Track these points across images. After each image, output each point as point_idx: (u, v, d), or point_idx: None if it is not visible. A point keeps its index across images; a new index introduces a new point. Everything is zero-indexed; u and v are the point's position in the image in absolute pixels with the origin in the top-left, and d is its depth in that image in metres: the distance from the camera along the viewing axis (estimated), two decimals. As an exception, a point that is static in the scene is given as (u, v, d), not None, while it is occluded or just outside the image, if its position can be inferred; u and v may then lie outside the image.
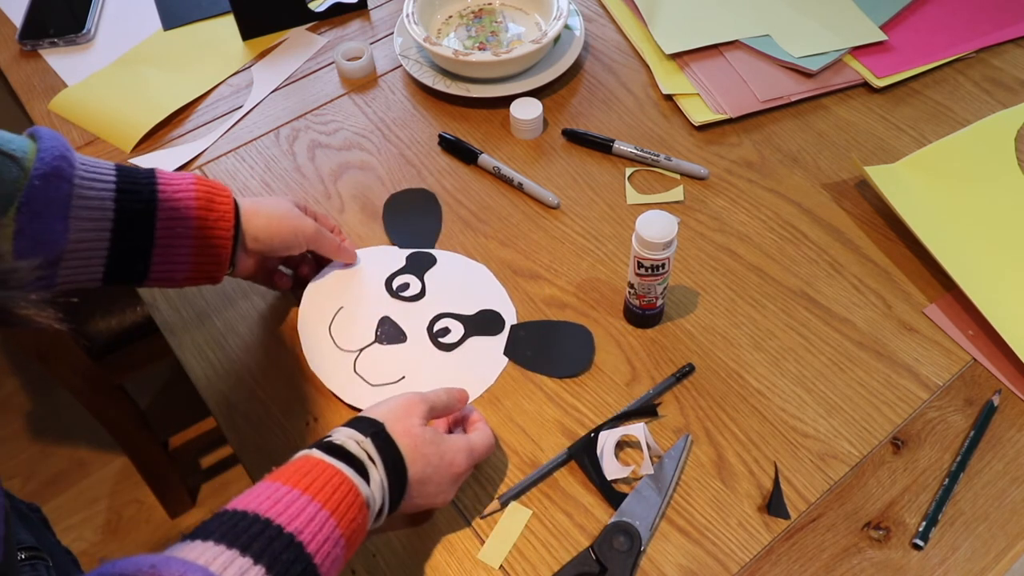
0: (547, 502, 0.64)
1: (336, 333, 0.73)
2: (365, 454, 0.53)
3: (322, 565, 0.47)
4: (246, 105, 0.97)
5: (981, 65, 0.95)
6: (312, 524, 0.47)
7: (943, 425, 0.67)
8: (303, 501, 0.48)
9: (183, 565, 0.42)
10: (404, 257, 0.79)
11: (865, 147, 0.88)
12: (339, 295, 0.75)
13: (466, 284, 0.77)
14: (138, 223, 0.62)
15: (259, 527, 0.46)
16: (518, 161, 0.88)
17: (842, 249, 0.79)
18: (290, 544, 0.46)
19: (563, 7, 0.95)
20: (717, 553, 0.61)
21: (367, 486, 0.52)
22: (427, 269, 0.77)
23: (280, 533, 0.46)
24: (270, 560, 0.45)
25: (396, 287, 0.76)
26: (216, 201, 0.66)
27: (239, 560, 0.44)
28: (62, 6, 1.09)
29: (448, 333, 0.73)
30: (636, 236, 0.67)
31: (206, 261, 0.67)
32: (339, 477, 0.50)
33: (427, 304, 0.75)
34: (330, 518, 0.48)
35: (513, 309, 0.75)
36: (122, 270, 0.63)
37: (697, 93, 0.93)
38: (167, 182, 0.64)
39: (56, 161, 0.58)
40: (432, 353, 0.72)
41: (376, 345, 0.72)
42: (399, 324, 0.73)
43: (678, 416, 0.68)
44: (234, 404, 0.72)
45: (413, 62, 0.97)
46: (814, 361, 0.71)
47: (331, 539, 0.48)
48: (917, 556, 0.61)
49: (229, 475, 1.53)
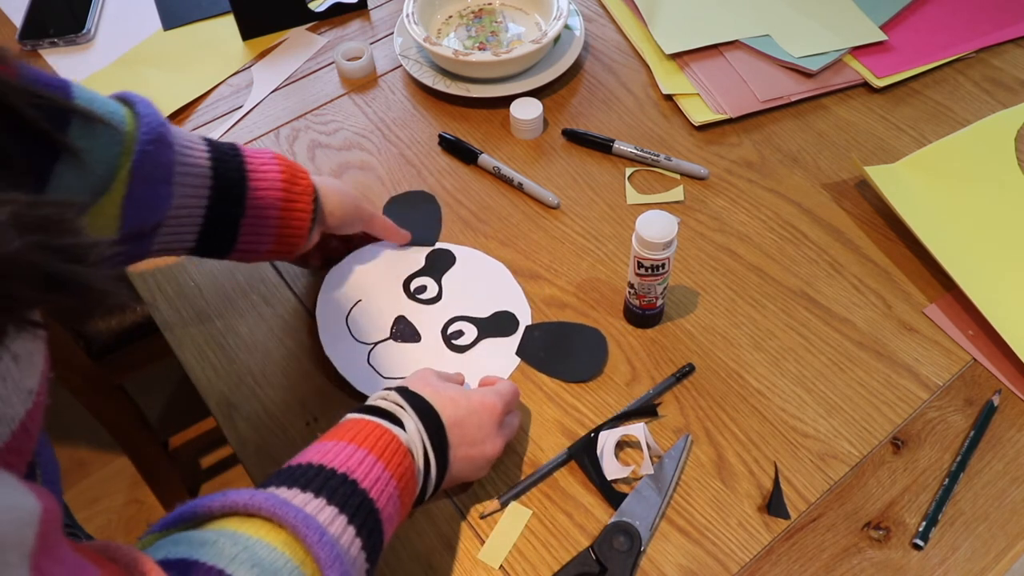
0: (547, 502, 0.64)
1: (353, 324, 0.74)
2: (395, 405, 0.57)
3: (378, 500, 0.50)
4: (246, 105, 0.97)
5: (981, 65, 0.95)
6: (362, 466, 0.50)
7: (943, 425, 0.67)
8: (350, 449, 0.51)
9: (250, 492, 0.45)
10: (424, 257, 0.79)
11: (865, 147, 0.88)
12: (358, 288, 0.76)
13: (483, 286, 0.77)
14: (232, 192, 0.64)
15: (313, 471, 0.49)
16: (518, 161, 0.88)
17: (842, 249, 0.79)
18: (344, 481, 0.49)
19: (563, 7, 0.95)
20: (717, 553, 0.61)
21: (404, 432, 0.55)
22: (445, 271, 0.78)
23: (334, 473, 0.49)
24: (329, 493, 0.48)
25: (414, 289, 0.76)
26: (298, 175, 0.68)
27: (301, 495, 0.47)
28: (62, 6, 1.09)
29: (462, 336, 0.73)
30: (636, 236, 0.67)
31: (289, 234, 0.68)
32: (379, 428, 0.54)
33: (443, 307, 0.75)
34: (378, 461, 0.51)
35: (529, 310, 0.75)
36: (213, 239, 0.65)
37: (697, 93, 0.93)
38: (252, 155, 0.66)
39: (160, 128, 0.60)
40: (445, 354, 0.72)
41: (390, 341, 0.73)
42: (414, 324, 0.74)
43: (678, 416, 0.68)
44: (234, 404, 0.72)
45: (413, 62, 0.97)
46: (814, 361, 0.71)
47: (382, 478, 0.51)
48: (917, 556, 0.61)
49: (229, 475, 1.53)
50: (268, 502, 0.44)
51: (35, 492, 0.33)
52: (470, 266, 0.79)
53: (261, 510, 0.44)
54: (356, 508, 0.48)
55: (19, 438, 0.35)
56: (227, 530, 0.43)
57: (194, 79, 1.00)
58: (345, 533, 0.47)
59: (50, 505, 0.33)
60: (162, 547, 0.42)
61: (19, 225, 0.31)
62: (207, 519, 0.45)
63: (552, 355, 0.72)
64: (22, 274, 0.31)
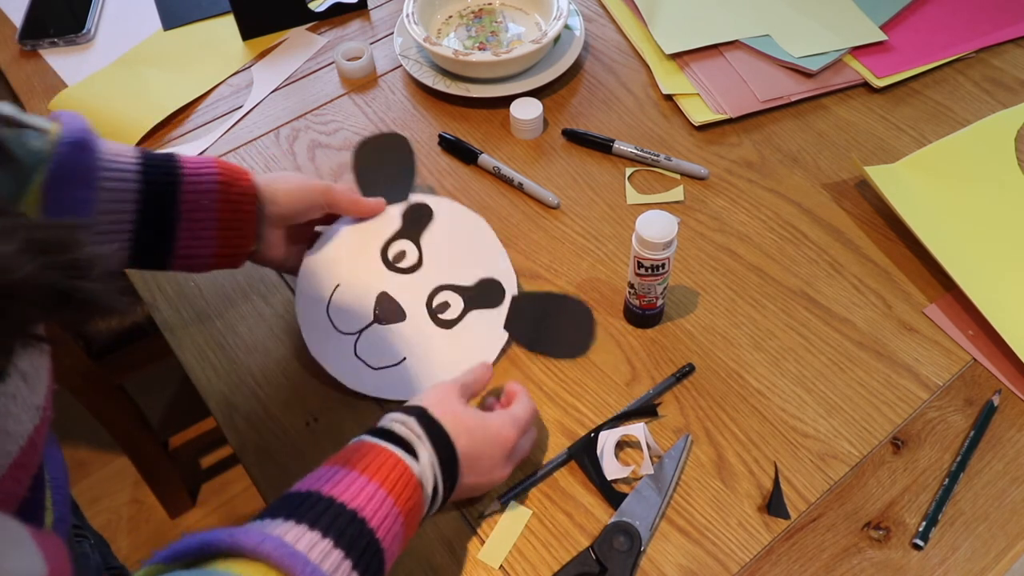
0: (547, 502, 0.64)
1: (334, 314, 0.71)
2: (412, 433, 0.55)
3: (384, 539, 0.49)
4: (246, 105, 0.97)
5: (981, 65, 0.95)
6: (372, 502, 0.50)
7: (943, 425, 0.67)
8: (362, 481, 0.50)
9: (259, 535, 0.44)
10: (399, 216, 0.75)
11: (865, 147, 0.88)
12: (335, 271, 0.73)
13: (465, 246, 0.74)
14: (163, 196, 0.63)
15: (323, 505, 0.48)
16: (518, 161, 0.88)
17: (842, 249, 0.79)
18: (354, 519, 0.48)
19: (563, 7, 0.95)
20: (717, 553, 0.61)
21: (417, 464, 0.54)
22: (423, 229, 0.74)
23: (344, 510, 0.48)
24: (337, 534, 0.47)
25: (392, 257, 0.73)
26: (237, 175, 0.66)
27: (309, 533, 0.46)
28: (62, 6, 1.09)
29: (448, 308, 0.71)
30: (636, 236, 0.67)
31: (232, 235, 0.66)
32: (393, 459, 0.53)
33: (425, 276, 0.72)
34: (388, 496, 0.51)
35: (513, 275, 0.73)
36: (148, 247, 0.64)
37: (697, 93, 0.93)
38: (188, 160, 0.65)
39: (82, 132, 0.59)
40: (432, 331, 0.71)
41: (376, 325, 0.71)
42: (397, 300, 0.71)
43: (678, 416, 0.68)
44: (234, 404, 0.72)
45: (413, 62, 0.97)
46: (814, 361, 0.71)
47: (391, 515, 0.50)
48: (917, 556, 0.61)
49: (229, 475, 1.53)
50: (277, 551, 0.44)
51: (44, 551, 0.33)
52: (449, 222, 0.75)
53: (269, 558, 0.44)
54: (362, 551, 0.48)
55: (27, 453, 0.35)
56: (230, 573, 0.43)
57: (194, 79, 1.00)
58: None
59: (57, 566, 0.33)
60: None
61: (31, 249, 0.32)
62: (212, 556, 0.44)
63: (540, 331, 0.70)
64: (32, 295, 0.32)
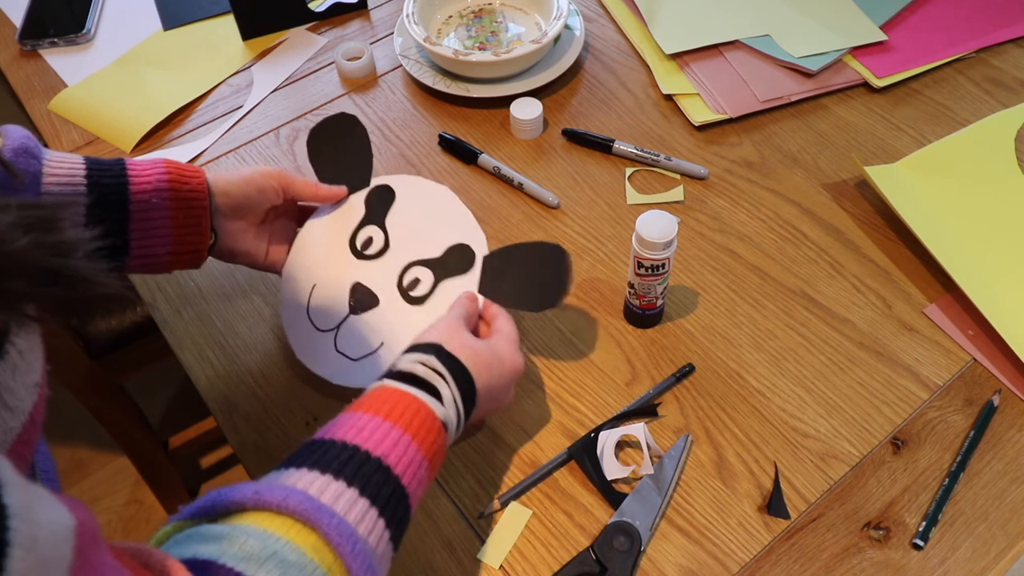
0: (547, 502, 0.64)
1: (314, 314, 0.71)
2: (435, 373, 0.55)
3: (409, 486, 0.49)
4: (246, 105, 0.97)
5: (981, 65, 0.95)
6: (397, 448, 0.50)
7: (943, 425, 0.67)
8: (386, 427, 0.50)
9: (284, 490, 0.44)
10: (362, 203, 0.74)
11: (865, 147, 0.88)
12: (311, 271, 0.72)
13: (430, 219, 0.72)
14: (111, 197, 0.63)
15: (348, 453, 0.48)
16: (518, 161, 0.88)
17: (842, 249, 0.79)
18: (379, 468, 0.48)
19: (563, 7, 0.95)
20: (717, 553, 0.61)
21: (442, 406, 0.54)
22: (387, 211, 0.73)
23: (368, 458, 0.48)
24: (362, 483, 0.47)
25: (360, 245, 0.72)
26: (187, 174, 0.66)
27: (334, 484, 0.46)
28: (62, 6, 1.09)
29: (418, 284, 0.70)
30: (636, 236, 0.67)
31: (187, 232, 0.66)
32: (416, 403, 0.52)
33: (393, 257, 0.71)
34: (412, 442, 0.51)
35: (483, 235, 0.71)
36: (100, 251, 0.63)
37: (697, 93, 0.93)
38: (135, 161, 0.65)
39: (24, 140, 0.59)
40: (406, 311, 0.69)
41: (351, 317, 0.70)
42: (370, 287, 0.71)
43: (678, 416, 0.68)
44: (234, 404, 0.72)
45: (413, 62, 0.97)
46: (814, 361, 0.71)
47: (415, 461, 0.50)
48: (917, 556, 0.61)
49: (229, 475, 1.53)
50: (302, 505, 0.44)
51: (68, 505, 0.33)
52: (412, 198, 0.73)
53: (295, 513, 0.44)
54: (388, 498, 0.48)
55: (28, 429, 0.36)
56: (255, 528, 0.43)
57: (194, 79, 1.00)
58: (376, 527, 0.47)
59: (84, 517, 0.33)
60: (189, 542, 0.42)
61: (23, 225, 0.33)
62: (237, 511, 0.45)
63: (515, 285, 0.68)
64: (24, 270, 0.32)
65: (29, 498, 0.31)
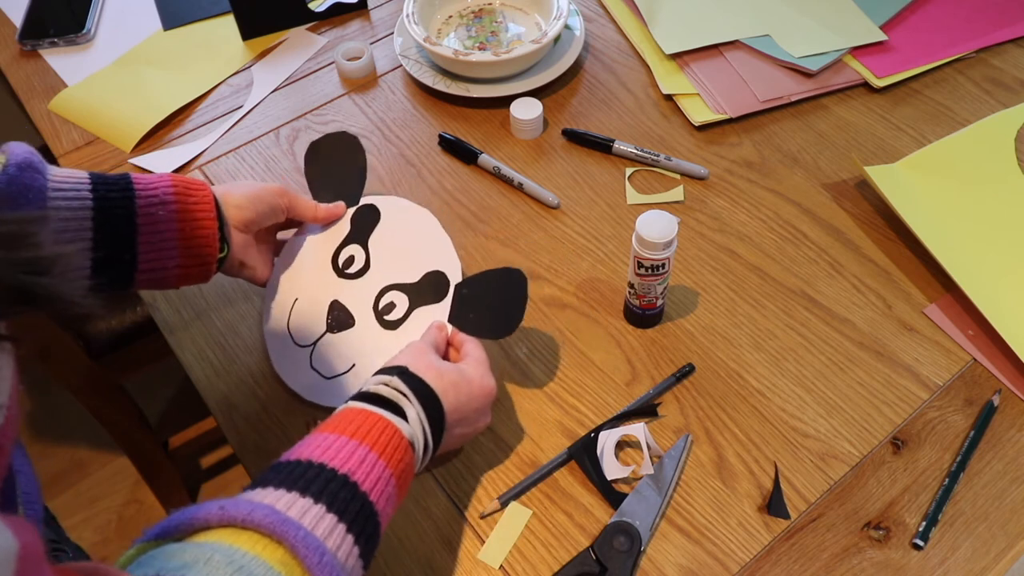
0: (547, 502, 0.64)
1: (294, 329, 0.72)
2: (398, 393, 0.55)
3: (377, 502, 0.49)
4: (246, 105, 0.97)
5: (981, 65, 0.95)
6: (364, 465, 0.50)
7: (943, 425, 0.67)
8: (352, 445, 0.50)
9: (249, 505, 0.44)
10: (348, 220, 0.76)
11: (865, 147, 0.88)
12: (294, 284, 0.74)
13: (410, 243, 0.74)
14: (118, 211, 0.62)
15: (314, 471, 0.48)
16: (518, 161, 0.88)
17: (842, 249, 0.79)
18: (345, 484, 0.48)
19: (563, 7, 0.95)
20: (717, 553, 0.61)
21: (407, 425, 0.54)
22: (371, 231, 0.74)
23: (335, 475, 0.48)
24: (329, 499, 0.47)
25: (342, 263, 0.74)
26: (192, 187, 0.66)
27: (300, 500, 0.46)
28: (62, 6, 1.09)
29: (393, 309, 0.71)
30: (636, 236, 0.67)
31: (195, 244, 0.66)
32: (382, 422, 0.53)
33: (372, 278, 0.73)
34: (379, 459, 0.51)
35: (458, 264, 0.72)
36: (109, 265, 0.63)
37: (697, 93, 0.93)
38: (140, 176, 0.65)
39: (28, 155, 0.59)
40: (379, 334, 0.71)
41: (328, 335, 0.71)
42: (347, 307, 0.72)
43: (678, 416, 0.68)
44: (234, 404, 0.72)
45: (413, 62, 0.97)
46: (814, 361, 0.71)
47: (383, 479, 0.50)
48: (917, 556, 0.61)
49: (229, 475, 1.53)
50: (268, 519, 0.43)
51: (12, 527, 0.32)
52: (395, 220, 0.75)
53: (260, 526, 0.43)
54: (356, 514, 0.47)
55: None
56: (222, 544, 0.42)
57: (194, 79, 1.00)
58: (344, 543, 0.46)
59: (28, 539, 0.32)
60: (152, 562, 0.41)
61: None
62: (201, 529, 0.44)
63: (480, 314, 0.68)
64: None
65: None
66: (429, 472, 0.66)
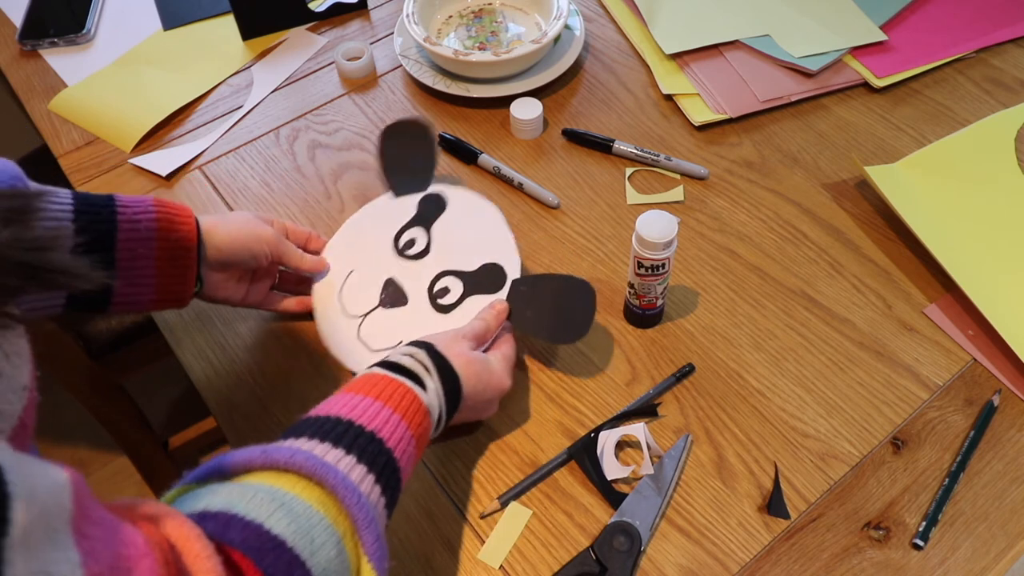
0: (547, 502, 0.64)
1: (345, 299, 0.74)
2: (420, 365, 0.58)
3: (400, 459, 0.52)
4: (246, 105, 0.97)
5: (981, 65, 0.95)
6: (388, 424, 0.52)
7: (943, 425, 0.67)
8: (377, 406, 0.53)
9: (290, 450, 0.47)
10: (415, 204, 0.77)
11: (865, 147, 0.88)
12: (350, 257, 0.76)
13: (472, 234, 0.74)
14: (98, 246, 0.61)
15: (343, 426, 0.51)
16: (518, 161, 0.88)
17: (842, 249, 0.79)
18: (372, 439, 0.51)
19: (563, 7, 0.95)
20: (717, 553, 0.61)
21: (425, 394, 0.57)
22: (435, 218, 0.76)
23: (363, 431, 0.51)
24: (359, 452, 0.49)
25: (403, 244, 0.75)
26: (177, 221, 0.65)
27: (333, 450, 0.49)
28: (62, 6, 1.09)
29: (447, 293, 0.72)
30: (636, 236, 0.67)
31: (171, 281, 0.66)
32: (403, 388, 0.55)
33: (430, 262, 0.74)
34: (401, 420, 0.53)
35: (518, 260, 0.72)
36: (83, 295, 0.62)
37: (697, 93, 0.93)
38: (126, 205, 0.63)
39: (11, 180, 0.58)
40: (430, 316, 0.71)
41: (380, 309, 0.72)
42: (402, 286, 0.73)
43: (678, 416, 0.68)
44: (234, 404, 0.72)
45: (413, 62, 0.97)
46: (814, 361, 0.71)
47: (405, 438, 0.53)
48: (917, 556, 0.61)
49: (229, 475, 1.53)
50: (309, 462, 0.46)
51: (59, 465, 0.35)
52: (461, 211, 0.76)
53: (301, 469, 0.46)
54: (382, 467, 0.50)
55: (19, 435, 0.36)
56: (264, 484, 0.45)
57: (194, 79, 1.00)
58: (373, 491, 0.49)
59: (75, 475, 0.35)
60: (201, 496, 0.44)
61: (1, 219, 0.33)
62: (243, 471, 0.47)
63: (538, 314, 0.69)
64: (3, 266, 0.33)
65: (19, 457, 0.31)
66: (429, 472, 0.66)
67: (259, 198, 0.87)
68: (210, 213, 0.85)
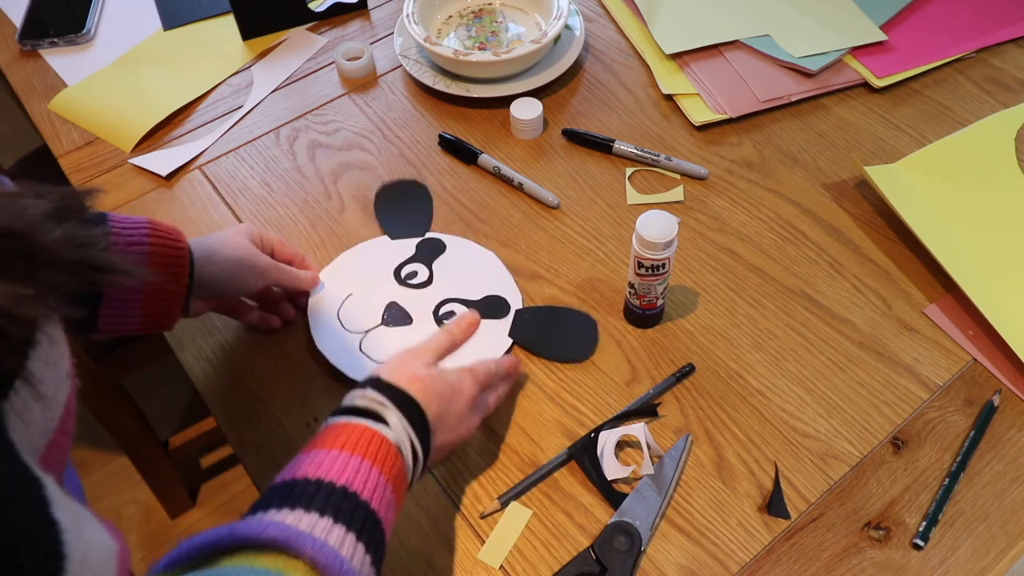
0: (547, 502, 0.64)
1: (344, 317, 0.74)
2: (374, 401, 0.55)
3: (379, 510, 0.49)
4: (246, 105, 0.97)
5: (981, 65, 0.95)
6: (359, 475, 0.49)
7: (943, 425, 0.67)
8: (344, 457, 0.50)
9: (260, 524, 0.44)
10: (414, 245, 0.79)
11: (865, 147, 0.88)
12: (349, 282, 0.76)
13: (474, 271, 0.77)
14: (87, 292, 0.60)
15: (313, 487, 0.48)
16: (518, 161, 0.88)
17: (842, 249, 0.79)
18: (346, 495, 0.48)
19: (563, 7, 0.95)
20: (717, 553, 0.61)
21: (390, 430, 0.54)
22: (435, 257, 0.78)
23: (334, 488, 0.48)
24: (334, 512, 0.47)
25: (404, 275, 0.76)
26: (169, 255, 0.64)
27: (306, 516, 0.46)
28: (62, 6, 1.09)
29: (453, 316, 0.73)
30: (636, 236, 0.67)
31: (157, 313, 0.66)
32: (368, 431, 0.52)
33: (434, 290, 0.75)
34: (373, 466, 0.50)
35: (520, 296, 0.75)
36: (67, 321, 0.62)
37: (697, 93, 0.93)
38: (119, 231, 0.62)
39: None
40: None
41: (382, 327, 0.73)
42: (405, 309, 0.74)
43: (678, 416, 0.68)
44: (234, 404, 0.72)
45: (413, 62, 0.97)
46: (814, 361, 0.71)
47: (379, 485, 0.50)
48: (917, 556, 0.61)
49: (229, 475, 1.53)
50: (283, 534, 0.43)
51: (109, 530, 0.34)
52: (460, 253, 0.79)
53: (276, 542, 0.43)
54: (362, 523, 0.47)
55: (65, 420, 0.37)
56: (242, 567, 0.42)
57: (194, 79, 1.00)
58: (356, 551, 0.46)
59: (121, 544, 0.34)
60: None
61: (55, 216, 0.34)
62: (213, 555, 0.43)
63: (544, 336, 0.72)
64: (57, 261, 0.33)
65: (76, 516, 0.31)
66: (429, 472, 0.66)
67: (259, 198, 0.87)
68: (209, 214, 0.85)
